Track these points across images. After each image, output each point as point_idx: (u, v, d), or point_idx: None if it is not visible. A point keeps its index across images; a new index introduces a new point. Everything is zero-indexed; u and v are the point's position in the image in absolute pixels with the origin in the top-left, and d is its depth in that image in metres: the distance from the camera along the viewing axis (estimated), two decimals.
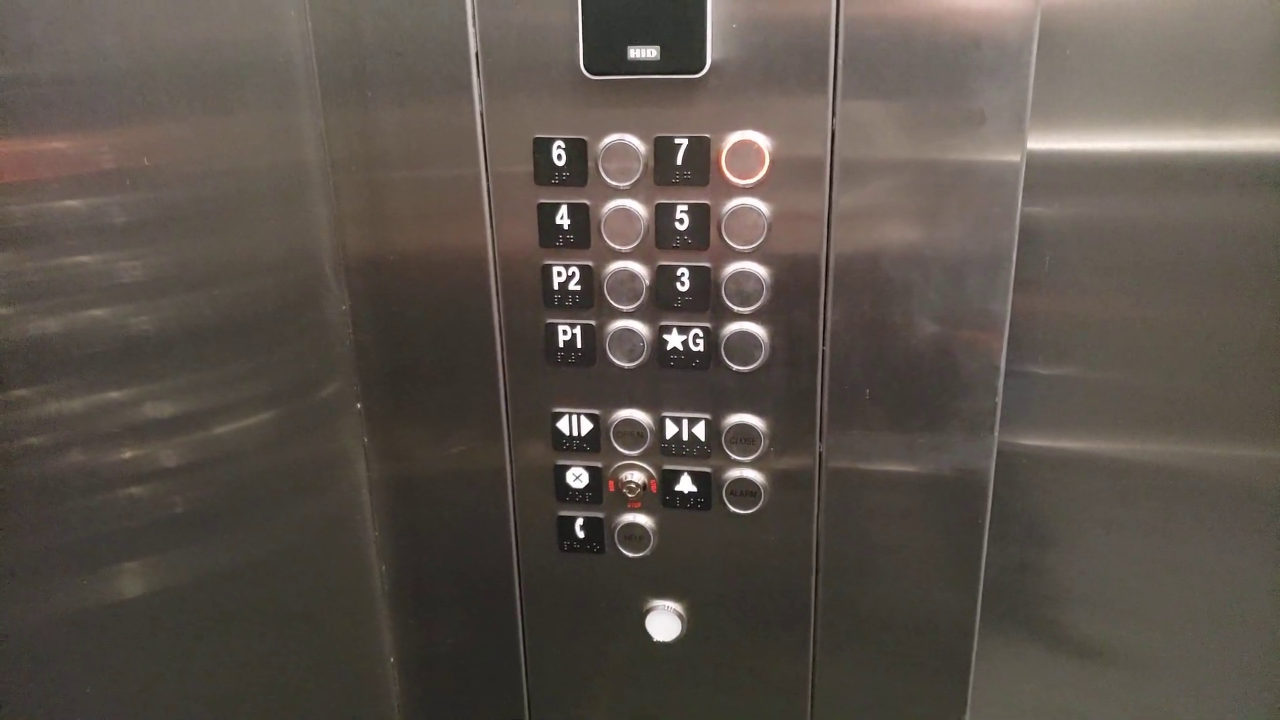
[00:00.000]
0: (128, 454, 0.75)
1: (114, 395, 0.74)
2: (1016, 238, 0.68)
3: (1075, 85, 0.70)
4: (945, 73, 0.64)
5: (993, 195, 0.67)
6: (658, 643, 0.84)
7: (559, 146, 0.69)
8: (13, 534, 0.69)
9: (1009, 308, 0.70)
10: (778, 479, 0.77)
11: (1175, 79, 0.69)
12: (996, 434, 0.73)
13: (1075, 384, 0.77)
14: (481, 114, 0.70)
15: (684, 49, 0.65)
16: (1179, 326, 0.74)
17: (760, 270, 0.71)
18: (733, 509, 0.78)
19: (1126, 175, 0.71)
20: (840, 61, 0.65)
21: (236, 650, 0.81)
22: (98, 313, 0.72)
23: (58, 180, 0.67)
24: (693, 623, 0.83)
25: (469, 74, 0.69)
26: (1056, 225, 0.73)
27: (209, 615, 0.79)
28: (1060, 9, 0.68)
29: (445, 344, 0.77)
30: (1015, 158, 0.66)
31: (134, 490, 0.76)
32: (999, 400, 0.72)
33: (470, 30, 0.68)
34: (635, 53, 0.65)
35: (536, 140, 0.70)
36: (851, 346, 0.72)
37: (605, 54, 0.66)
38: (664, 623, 0.83)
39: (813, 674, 0.83)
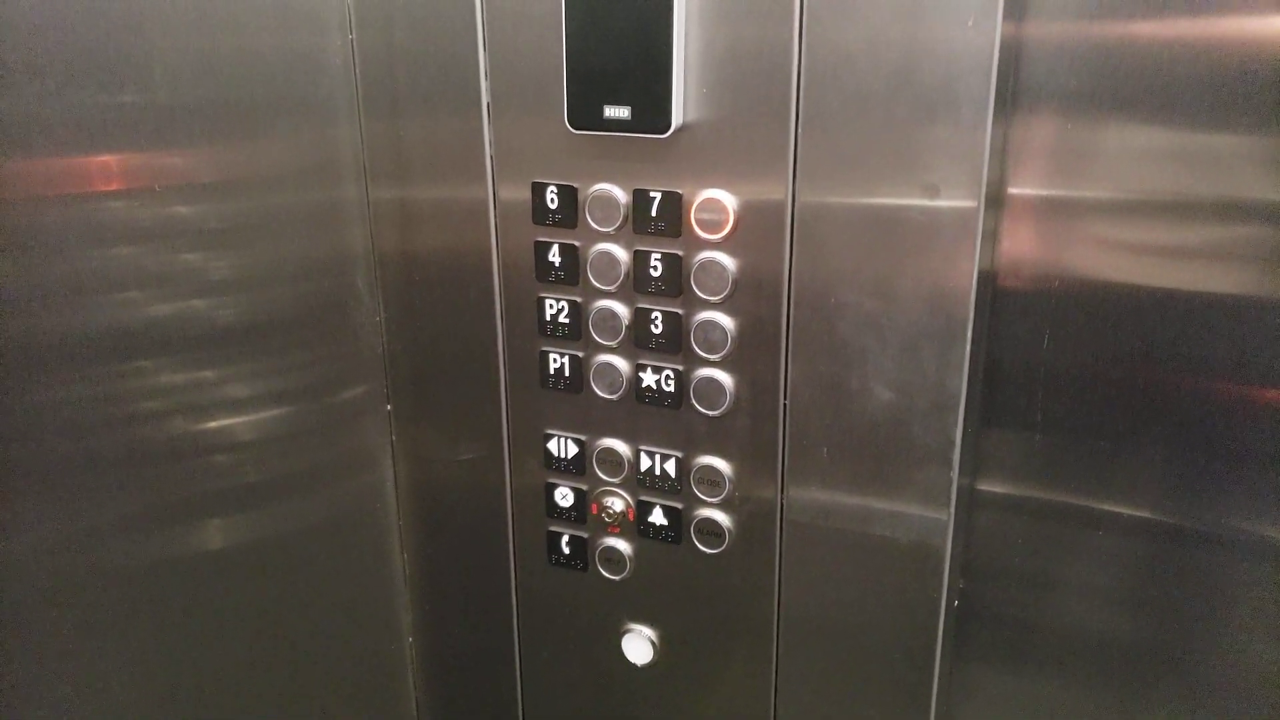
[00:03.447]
0: (211, 425, 0.88)
1: (207, 374, 0.88)
2: (973, 313, 0.68)
3: None
4: (900, 145, 0.66)
5: (947, 268, 0.67)
6: (633, 664, 0.88)
7: (552, 191, 0.76)
8: (129, 488, 0.83)
9: (964, 382, 0.69)
10: (742, 523, 0.79)
11: None
12: (953, 510, 0.73)
13: None
14: (492, 157, 0.78)
15: (651, 111, 0.70)
16: None
17: (726, 321, 0.74)
18: (700, 547, 0.81)
19: None
20: (800, 129, 0.68)
21: (276, 612, 0.93)
22: (197, 303, 0.85)
23: (164, 189, 0.81)
24: (664, 650, 0.87)
25: (480, 121, 0.77)
26: None
27: (258, 577, 0.91)
28: None
29: (459, 360, 0.85)
30: (970, 231, 0.66)
31: (217, 458, 0.89)
32: (955, 475, 0.72)
33: (483, 84, 0.76)
34: (610, 112, 0.71)
35: (534, 184, 0.77)
36: (810, 404, 0.74)
37: (585, 111, 0.72)
38: (638, 647, 0.87)
39: (775, 711, 0.84)
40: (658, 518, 0.82)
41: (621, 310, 0.77)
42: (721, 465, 0.78)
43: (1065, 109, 0.68)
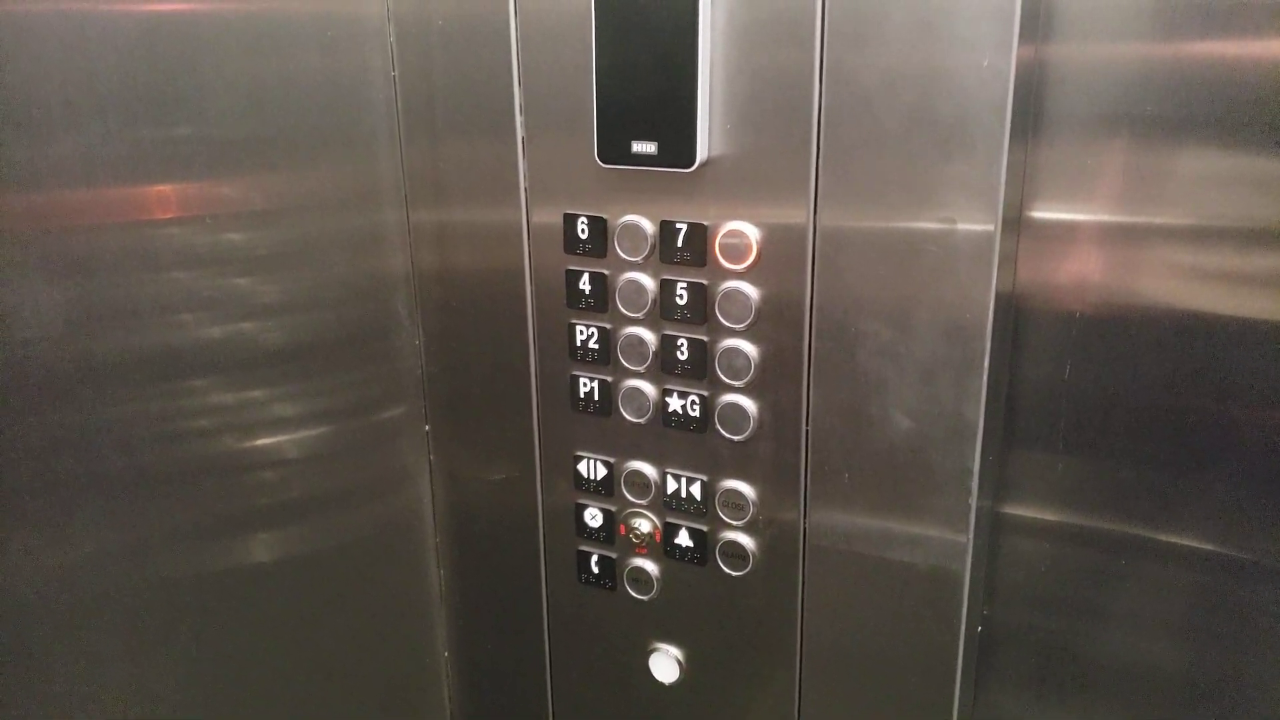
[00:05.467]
0: (257, 443, 0.92)
1: (254, 394, 0.91)
2: (990, 342, 0.69)
3: None
4: (918, 177, 0.67)
5: (965, 298, 0.69)
6: (659, 683, 0.90)
7: (583, 222, 0.79)
8: (178, 502, 0.87)
9: (982, 409, 0.71)
10: (766, 546, 0.81)
11: None
12: (971, 536, 0.74)
13: None
14: (525, 189, 0.81)
15: (677, 146, 0.72)
16: None
17: (749, 348, 0.76)
18: (725, 569, 0.83)
19: None
20: (820, 163, 0.70)
21: (317, 624, 0.96)
22: (246, 326, 0.89)
23: (216, 218, 0.85)
24: (690, 670, 0.88)
25: (515, 154, 0.80)
26: None
27: (300, 590, 0.95)
28: None
29: (494, 382, 0.88)
30: (986, 260, 0.67)
31: (263, 475, 0.93)
32: (974, 502, 0.73)
33: (518, 119, 0.79)
34: (638, 147, 0.74)
35: (566, 215, 0.80)
36: (831, 429, 0.76)
37: (614, 146, 0.75)
38: (664, 665, 0.89)
39: None
40: (683, 539, 0.84)
41: (649, 337, 0.80)
42: (745, 489, 0.80)
43: (1086, 134, 0.70)
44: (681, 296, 0.77)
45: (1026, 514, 0.80)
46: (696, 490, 0.82)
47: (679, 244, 0.76)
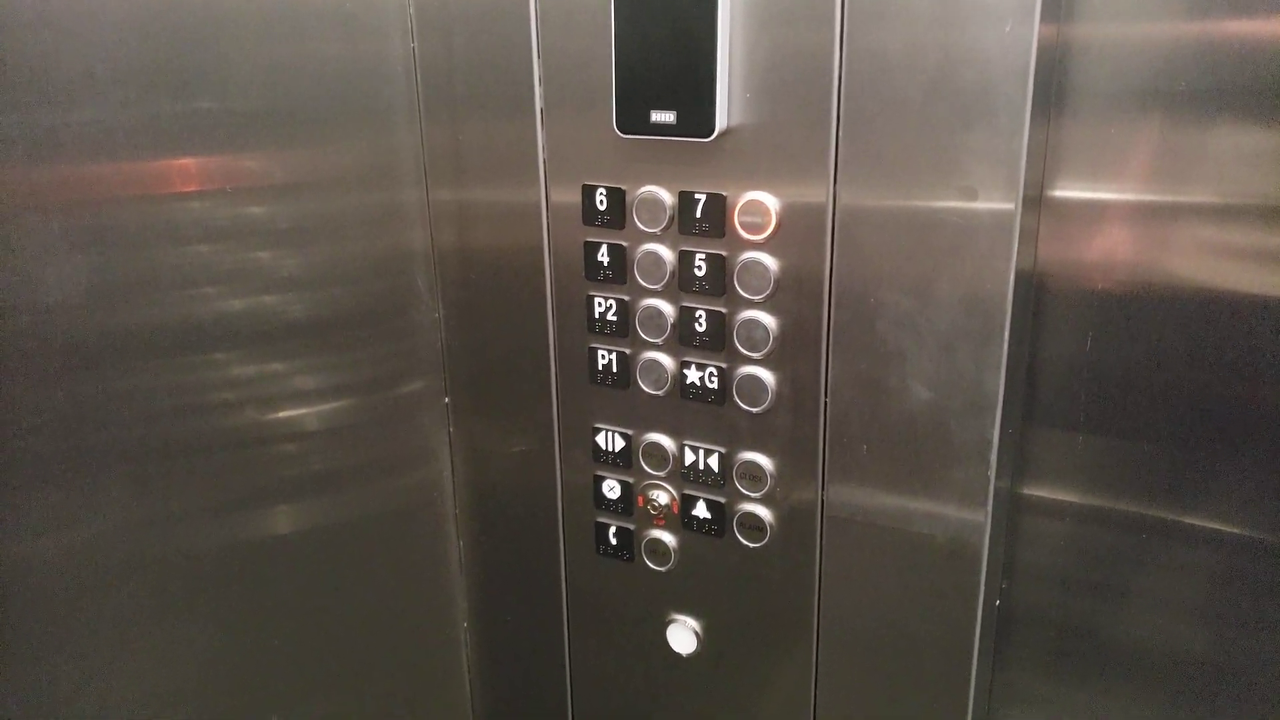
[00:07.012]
0: (279, 416, 0.93)
1: (275, 367, 0.92)
2: (1010, 314, 0.69)
3: None
4: (939, 149, 0.67)
5: (985, 270, 0.68)
6: (676, 654, 0.90)
7: (601, 193, 0.79)
8: (201, 474, 0.87)
9: (1002, 383, 0.70)
10: (783, 518, 0.81)
11: None
12: (990, 508, 0.73)
13: None
14: (544, 161, 0.81)
15: (696, 115, 0.72)
16: None
17: (768, 320, 0.76)
18: (742, 540, 0.83)
19: None
20: (840, 134, 0.70)
21: (339, 596, 0.97)
22: (267, 299, 0.90)
23: (237, 191, 0.85)
24: (707, 641, 0.89)
25: (534, 126, 0.80)
26: None
27: (321, 562, 0.96)
28: None
29: (513, 355, 0.89)
30: (1007, 233, 0.67)
31: (284, 448, 0.94)
32: (992, 474, 0.72)
33: (536, 91, 0.79)
34: (657, 116, 0.74)
35: (584, 186, 0.80)
36: (850, 402, 0.75)
37: (632, 116, 0.74)
38: (682, 637, 0.89)
39: (815, 704, 0.86)
40: (701, 511, 0.84)
41: (667, 309, 0.80)
42: (763, 461, 0.80)
43: (1109, 110, 0.69)
44: (700, 268, 0.77)
45: (1046, 490, 0.80)
46: (714, 462, 0.82)
47: (698, 215, 0.76)
